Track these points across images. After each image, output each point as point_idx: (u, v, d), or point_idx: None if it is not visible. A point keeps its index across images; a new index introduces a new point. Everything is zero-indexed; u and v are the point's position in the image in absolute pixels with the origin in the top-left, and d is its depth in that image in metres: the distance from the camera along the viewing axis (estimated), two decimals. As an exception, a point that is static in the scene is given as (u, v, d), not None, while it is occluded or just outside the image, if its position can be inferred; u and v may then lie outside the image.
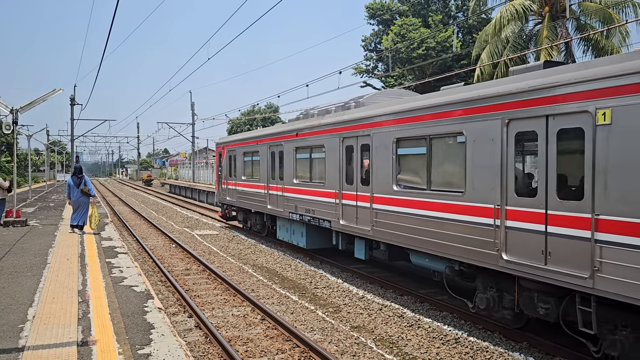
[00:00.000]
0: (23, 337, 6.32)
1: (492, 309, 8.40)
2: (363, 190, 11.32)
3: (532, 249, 7.05)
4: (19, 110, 17.19)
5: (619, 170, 5.94)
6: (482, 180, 7.95)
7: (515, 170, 7.52)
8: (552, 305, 7.20)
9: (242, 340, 8.19)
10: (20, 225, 17.55)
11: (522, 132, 7.29)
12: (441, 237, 8.80)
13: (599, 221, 6.16)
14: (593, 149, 6.22)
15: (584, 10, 23.55)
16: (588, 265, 6.27)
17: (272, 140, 16.51)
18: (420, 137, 9.46)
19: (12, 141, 50.84)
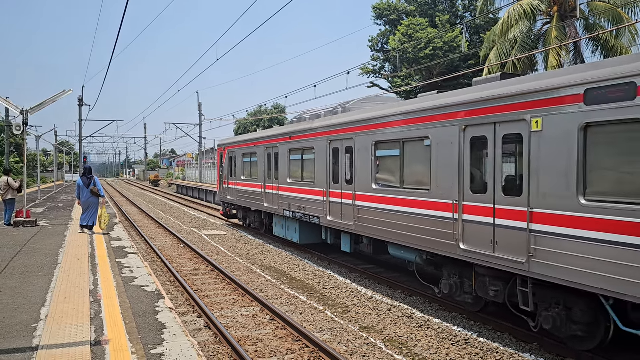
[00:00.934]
0: (37, 337, 6.38)
1: (454, 293, 9.40)
2: (347, 189, 12.43)
3: (483, 239, 8.13)
4: (29, 111, 17.30)
5: (547, 169, 7.06)
6: (444, 179, 9.08)
7: (471, 170, 8.56)
8: (500, 288, 8.23)
9: (251, 340, 8.23)
10: (31, 225, 17.68)
11: (476, 137, 8.38)
12: (412, 230, 9.90)
13: (533, 214, 7.27)
14: (529, 152, 7.32)
15: (593, 10, 23.43)
16: (525, 252, 7.35)
17: (268, 143, 17.62)
18: (395, 141, 10.57)
19: (21, 142, 51.24)
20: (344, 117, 12.94)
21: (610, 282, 6.18)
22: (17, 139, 51.17)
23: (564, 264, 6.78)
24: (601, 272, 6.31)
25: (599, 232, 6.37)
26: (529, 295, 7.56)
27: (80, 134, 43.38)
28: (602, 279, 6.29)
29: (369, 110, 12.08)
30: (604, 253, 6.31)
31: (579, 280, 6.59)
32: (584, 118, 6.58)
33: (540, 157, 7.16)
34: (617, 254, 6.15)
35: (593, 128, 6.52)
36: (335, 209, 13.00)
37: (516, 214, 7.53)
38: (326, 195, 13.38)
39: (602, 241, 6.34)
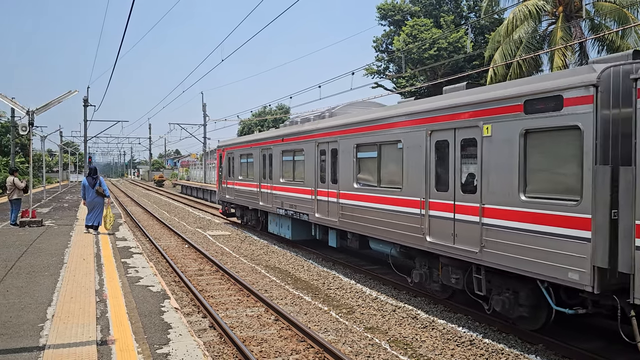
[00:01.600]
0: (43, 336, 6.42)
1: (424, 282, 10.37)
2: (333, 188, 13.41)
3: (446, 232, 9.10)
4: (34, 112, 17.40)
5: (495, 169, 8.08)
6: (413, 178, 10.07)
7: (436, 170, 9.48)
8: (460, 276, 9.18)
9: (256, 340, 8.24)
10: (36, 225, 17.76)
11: (440, 141, 9.33)
12: (387, 225, 10.86)
13: (484, 209, 8.24)
14: (481, 154, 8.31)
15: (598, 10, 23.35)
16: (478, 243, 8.31)
17: (263, 145, 18.74)
18: (373, 144, 11.63)
19: (26, 142, 51.46)
20: (329, 122, 14.04)
21: (544, 267, 7.20)
22: (23, 139, 51.39)
23: (509, 253, 7.77)
24: (537, 259, 7.31)
25: (535, 224, 7.38)
26: (482, 281, 8.57)
27: (85, 135, 43.51)
28: (537, 265, 7.29)
29: (352, 116, 13.08)
30: (538, 242, 7.31)
31: (521, 267, 7.59)
32: (523, 125, 7.59)
33: (490, 159, 8.19)
34: (548, 242, 7.16)
35: (530, 134, 7.54)
36: (322, 207, 13.99)
37: (471, 210, 8.54)
38: (314, 193, 14.45)
39: (537, 232, 7.35)
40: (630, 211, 6.15)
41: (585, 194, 6.67)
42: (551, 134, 7.27)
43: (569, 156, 7.01)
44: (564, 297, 7.50)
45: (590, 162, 6.60)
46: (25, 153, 55.27)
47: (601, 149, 6.59)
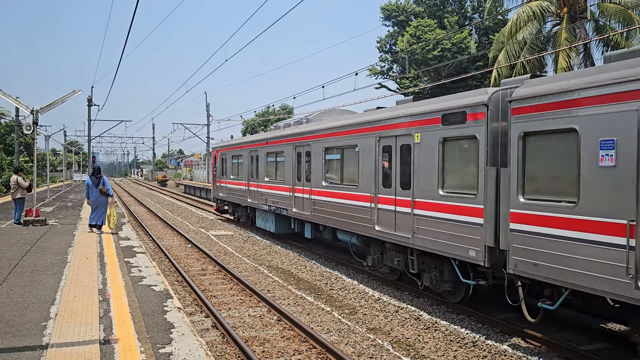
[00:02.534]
0: (47, 335, 6.43)
1: (377, 265, 12.20)
2: (306, 186, 15.15)
3: (389, 222, 10.96)
4: (39, 111, 17.45)
5: (423, 170, 9.90)
6: (366, 177, 11.87)
7: (383, 170, 11.33)
8: (400, 258, 11.04)
9: (258, 340, 8.24)
10: (40, 224, 17.81)
11: (385, 146, 11.18)
12: (348, 217, 12.63)
13: (415, 202, 10.11)
14: (413, 158, 10.14)
15: (603, 11, 23.27)
16: (411, 230, 10.15)
17: (251, 147, 20.60)
18: (337, 147, 13.42)
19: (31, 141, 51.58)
20: (304, 127, 15.92)
21: (454, 248, 9.05)
22: (27, 139, 51.57)
23: (432, 237, 9.60)
24: (450, 242, 9.14)
25: (449, 213, 9.23)
26: (415, 262, 10.43)
27: (89, 134, 43.62)
28: (450, 247, 9.13)
29: (323, 122, 14.87)
30: (450, 228, 9.14)
31: (440, 249, 9.43)
32: (441, 134, 9.40)
33: (419, 162, 10.00)
34: (457, 228, 8.99)
35: (446, 141, 9.36)
36: (298, 202, 15.75)
37: (407, 203, 10.40)
38: (292, 191, 16.24)
39: (450, 220, 9.17)
40: (506, 202, 7.97)
41: (480, 189, 8.49)
42: (460, 141, 9.15)
43: (471, 159, 8.82)
44: (472, 272, 9.15)
45: (483, 164, 8.43)
46: (29, 152, 55.45)
47: (490, 154, 8.39)
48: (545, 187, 7.53)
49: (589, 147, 6.73)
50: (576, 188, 6.88)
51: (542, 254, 7.35)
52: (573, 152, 6.96)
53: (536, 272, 7.47)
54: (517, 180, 7.79)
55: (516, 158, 7.80)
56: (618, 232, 6.34)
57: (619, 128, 6.37)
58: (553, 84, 7.43)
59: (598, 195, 6.63)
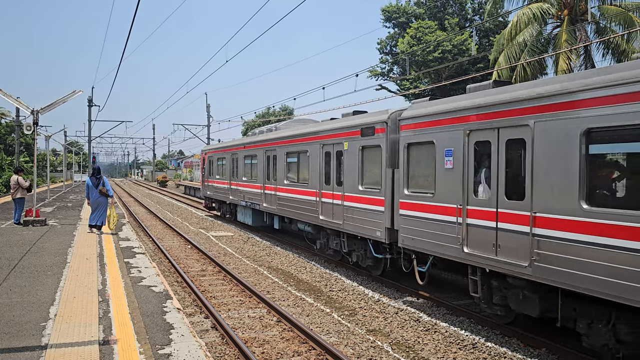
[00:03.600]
0: (46, 335, 6.43)
1: (323, 250, 14.86)
2: (273, 184, 17.83)
3: (329, 212, 13.63)
4: (39, 112, 17.46)
5: (349, 171, 12.63)
6: (314, 177, 14.52)
7: (325, 170, 13.99)
8: (338, 241, 13.70)
9: (258, 341, 8.24)
10: (40, 224, 17.81)
11: (327, 152, 13.92)
12: (302, 210, 15.20)
13: (344, 196, 12.82)
14: (344, 161, 12.89)
15: (604, 14, 23.26)
16: (342, 218, 12.90)
17: (232, 150, 23.24)
18: (295, 152, 16.08)
19: (31, 141, 51.58)
20: (273, 134, 18.81)
21: (368, 230, 11.76)
22: (27, 139, 51.60)
23: (355, 223, 12.29)
24: (366, 226, 11.79)
25: (365, 204, 11.88)
26: (345, 243, 13.26)
27: (89, 134, 43.61)
28: (366, 230, 11.82)
29: (287, 131, 17.44)
30: (367, 215, 11.81)
31: (359, 232, 12.17)
32: (360, 143, 12.17)
33: (348, 164, 12.73)
34: (370, 215, 11.69)
35: (364, 149, 12.10)
36: (268, 198, 18.45)
37: (340, 196, 13.09)
38: (263, 188, 18.87)
39: (366, 209, 11.87)
40: (398, 194, 10.70)
41: (382, 185, 11.30)
42: (371, 148, 11.82)
43: (377, 162, 11.54)
44: (381, 249, 11.87)
45: (384, 166, 11.25)
46: (29, 152, 55.49)
47: (389, 158, 11.18)
48: (419, 183, 10.28)
49: (440, 155, 9.43)
50: (434, 183, 9.61)
51: (416, 232, 10.07)
52: (432, 158, 9.64)
53: (414, 245, 10.22)
54: (404, 178, 10.54)
55: (403, 162, 10.54)
56: (454, 213, 9.02)
57: (454, 142, 9.06)
58: (423, 109, 10.11)
59: (445, 189, 9.32)
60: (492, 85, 8.96)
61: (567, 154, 6.90)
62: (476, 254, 8.52)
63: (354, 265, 13.37)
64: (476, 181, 8.70)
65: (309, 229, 15.54)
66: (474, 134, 8.66)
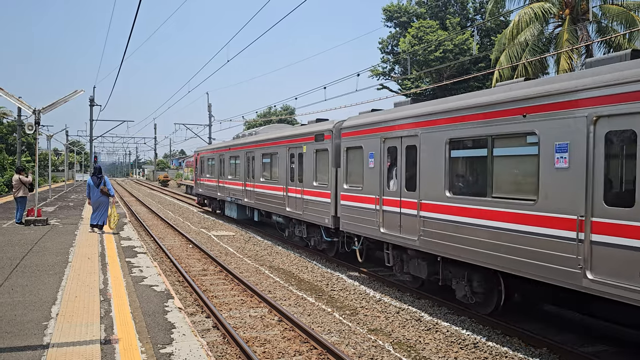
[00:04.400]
0: (48, 335, 6.44)
1: (291, 236, 17.64)
2: (252, 181, 20.46)
3: (293, 204, 16.10)
4: (41, 111, 17.47)
5: (307, 170, 15.12)
6: (282, 175, 17.11)
7: (290, 169, 16.44)
8: (301, 228, 16.28)
9: (259, 341, 8.24)
10: (41, 224, 17.83)
11: (291, 154, 16.40)
12: (274, 203, 17.89)
13: (303, 191, 15.20)
14: (303, 161, 15.36)
15: (605, 13, 23.23)
16: (302, 209, 15.35)
17: (219, 152, 26.06)
18: (268, 154, 18.77)
19: (33, 141, 51.62)
20: (251, 138, 21.48)
21: (319, 219, 14.35)
22: (29, 139, 51.65)
23: (311, 213, 14.91)
24: (318, 215, 14.41)
25: (318, 197, 14.46)
26: (305, 230, 16.05)
27: (91, 134, 43.70)
28: (318, 218, 14.43)
29: (264, 135, 20.19)
30: (319, 206, 14.34)
31: (314, 220, 14.80)
32: (315, 147, 14.76)
33: (306, 164, 15.31)
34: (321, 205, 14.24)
35: (317, 152, 14.68)
36: (248, 194, 20.96)
37: (299, 191, 15.67)
38: (244, 185, 21.49)
39: (318, 201, 14.40)
40: (339, 189, 13.32)
41: (329, 181, 13.84)
42: (322, 151, 14.45)
43: (326, 163, 14.08)
44: (331, 234, 14.44)
45: (330, 165, 13.79)
46: (31, 152, 55.53)
47: (334, 159, 13.73)
48: (353, 179, 12.77)
49: (366, 156, 12.00)
50: (362, 179, 12.21)
51: (351, 217, 12.75)
52: (361, 159, 12.24)
53: (351, 228, 12.86)
54: (344, 175, 13.10)
55: (343, 162, 13.16)
56: (374, 202, 11.65)
57: (375, 147, 11.66)
58: (356, 120, 12.80)
59: (369, 183, 11.88)
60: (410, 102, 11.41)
61: (438, 157, 9.49)
62: (388, 233, 11.12)
63: (312, 248, 16.04)
64: (389, 177, 11.27)
65: (280, 219, 18.24)
66: (387, 141, 11.27)
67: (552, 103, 7.26)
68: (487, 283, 9.08)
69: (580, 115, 6.82)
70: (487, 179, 8.45)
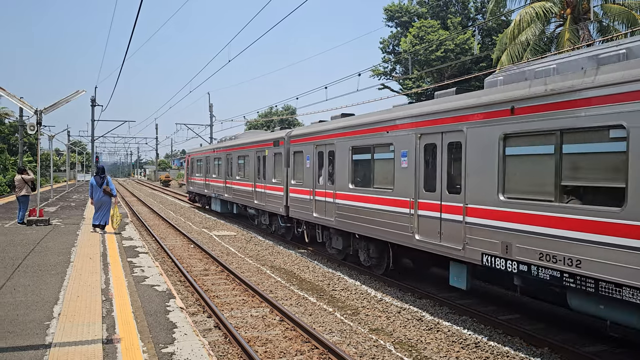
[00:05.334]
0: (50, 334, 6.46)
1: (260, 225, 21.00)
2: (231, 179, 23.98)
3: (261, 197, 19.46)
4: (42, 112, 17.51)
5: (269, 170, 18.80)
6: (251, 173, 20.66)
7: (257, 168, 19.92)
8: (266, 218, 19.95)
9: (261, 341, 8.25)
10: (43, 224, 17.87)
11: (258, 156, 19.92)
12: (247, 198, 21.30)
13: (266, 187, 18.95)
14: (266, 163, 19.15)
15: (607, 13, 23.20)
16: (265, 202, 19.12)
17: (206, 154, 30.26)
18: (243, 155, 22.34)
19: (34, 141, 51.67)
20: (230, 142, 25.52)
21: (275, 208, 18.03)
22: (31, 139, 51.70)
23: (271, 204, 18.30)
24: (275, 205, 17.91)
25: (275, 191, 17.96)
26: (268, 218, 19.79)
27: (92, 134, 43.75)
28: (275, 208, 17.95)
29: (239, 140, 24.08)
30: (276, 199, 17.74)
31: (273, 210, 18.23)
32: (273, 151, 18.15)
33: (267, 164, 18.81)
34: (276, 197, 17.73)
35: (275, 154, 18.05)
36: (228, 190, 24.54)
37: (265, 187, 19.02)
38: (225, 183, 25.13)
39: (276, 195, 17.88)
40: (289, 184, 16.60)
41: (283, 178, 17.08)
42: (278, 155, 17.81)
43: (280, 164, 17.50)
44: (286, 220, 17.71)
45: (284, 166, 17.04)
46: (33, 152, 55.60)
47: (285, 161, 17.01)
48: (298, 176, 16.14)
49: (305, 159, 15.40)
50: (303, 176, 15.62)
51: (295, 206, 16.24)
52: (302, 161, 15.70)
53: (295, 215, 16.34)
54: (292, 173, 16.62)
55: (291, 163, 16.70)
56: (310, 194, 15.08)
57: (310, 151, 15.12)
58: (299, 131, 16.68)
59: (307, 179, 15.24)
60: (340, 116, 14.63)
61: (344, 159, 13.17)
62: (319, 217, 14.59)
63: (272, 234, 19.80)
64: (319, 174, 14.68)
65: (252, 211, 21.81)
66: (318, 147, 14.79)
67: (398, 125, 10.82)
68: (378, 251, 12.40)
69: (412, 134, 10.30)
70: (371, 175, 12.08)
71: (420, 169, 10.01)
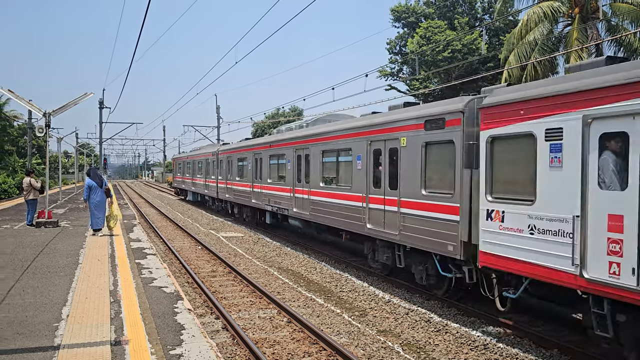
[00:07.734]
0: (58, 336, 6.48)
1: (246, 218, 24.19)
2: (223, 180, 27.05)
3: (242, 195, 23.53)
4: (51, 114, 17.62)
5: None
6: (249, 175, 22.50)
7: (254, 170, 21.62)
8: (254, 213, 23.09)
9: (268, 342, 8.24)
10: (52, 226, 17.97)
11: (256, 157, 21.60)
12: (243, 196, 23.14)
13: (254, 185, 21.74)
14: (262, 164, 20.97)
15: (615, 12, 23.02)
16: (251, 198, 22.13)
17: (191, 158, 36.45)
18: (241, 158, 23.84)
19: (43, 144, 52.06)
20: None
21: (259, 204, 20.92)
22: (40, 141, 52.07)
23: (255, 200, 21.48)
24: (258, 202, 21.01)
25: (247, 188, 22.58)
26: (257, 213, 22.24)
27: (100, 136, 43.95)
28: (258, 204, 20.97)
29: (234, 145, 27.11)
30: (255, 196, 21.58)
31: (256, 205, 21.27)
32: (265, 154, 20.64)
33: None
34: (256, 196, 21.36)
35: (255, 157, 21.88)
36: (220, 190, 27.91)
37: (245, 185, 22.85)
38: (216, 182, 28.74)
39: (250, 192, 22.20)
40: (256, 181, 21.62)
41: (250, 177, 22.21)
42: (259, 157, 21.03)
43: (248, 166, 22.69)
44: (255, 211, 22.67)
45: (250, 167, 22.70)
46: (41, 154, 55.99)
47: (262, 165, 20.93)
48: (273, 176, 19.03)
49: (287, 161, 17.57)
50: (284, 175, 17.82)
51: (274, 200, 18.73)
52: (284, 164, 17.93)
53: (274, 207, 18.74)
54: (267, 174, 19.68)
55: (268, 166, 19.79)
56: (290, 191, 17.30)
57: (291, 155, 17.37)
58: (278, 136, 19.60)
59: (290, 178, 17.24)
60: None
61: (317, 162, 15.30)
62: (296, 211, 16.84)
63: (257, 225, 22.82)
64: (297, 176, 16.74)
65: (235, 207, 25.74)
66: (297, 151, 16.87)
67: (355, 133, 13.03)
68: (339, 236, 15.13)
69: (364, 141, 12.44)
70: (337, 174, 14.19)
71: (370, 170, 12.26)
